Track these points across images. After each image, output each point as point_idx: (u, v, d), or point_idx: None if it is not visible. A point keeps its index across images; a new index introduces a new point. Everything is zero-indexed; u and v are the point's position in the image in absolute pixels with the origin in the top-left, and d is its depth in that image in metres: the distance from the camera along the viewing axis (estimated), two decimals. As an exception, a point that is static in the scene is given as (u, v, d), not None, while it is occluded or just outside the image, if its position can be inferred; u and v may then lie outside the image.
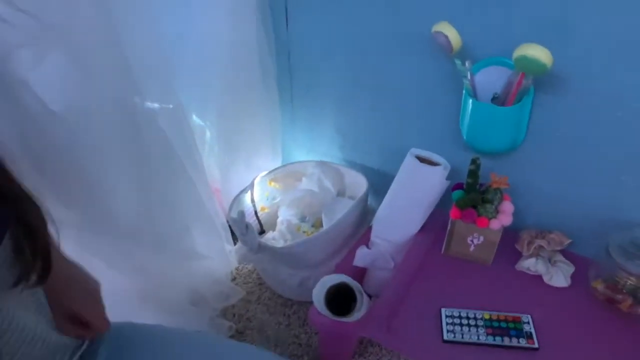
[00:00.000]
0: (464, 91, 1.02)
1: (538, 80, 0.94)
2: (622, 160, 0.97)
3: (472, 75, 0.99)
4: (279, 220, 1.36)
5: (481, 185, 1.06)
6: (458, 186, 1.08)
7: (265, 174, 1.40)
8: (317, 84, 1.33)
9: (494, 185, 1.02)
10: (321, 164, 1.39)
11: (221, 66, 1.24)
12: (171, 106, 1.05)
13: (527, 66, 0.87)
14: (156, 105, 1.01)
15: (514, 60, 0.88)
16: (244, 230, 1.14)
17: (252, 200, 1.37)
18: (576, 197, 1.06)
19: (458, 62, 0.96)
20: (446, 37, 0.93)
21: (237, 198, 1.32)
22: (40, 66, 0.76)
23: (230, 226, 1.32)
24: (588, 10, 0.85)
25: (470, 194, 1.04)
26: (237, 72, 1.25)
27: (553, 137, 1.02)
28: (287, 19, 1.26)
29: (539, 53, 0.84)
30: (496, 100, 0.98)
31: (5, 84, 0.74)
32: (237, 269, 1.45)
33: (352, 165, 1.41)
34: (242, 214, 1.14)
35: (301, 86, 1.37)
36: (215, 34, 1.19)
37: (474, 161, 1.02)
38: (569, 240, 1.04)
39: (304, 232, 1.34)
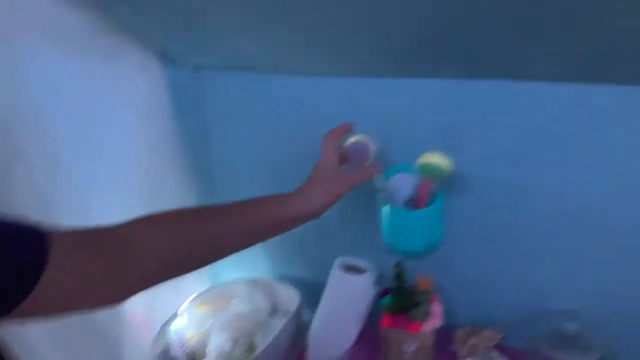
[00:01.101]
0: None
1: (445, 183, 1.00)
2: (537, 250, 1.01)
3: (384, 182, 1.03)
4: (208, 349, 1.28)
5: (409, 288, 1.06)
6: (387, 291, 1.08)
7: (193, 299, 1.33)
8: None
9: (421, 287, 1.03)
10: (252, 281, 1.35)
11: (141, 194, 1.22)
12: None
13: (430, 172, 0.93)
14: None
15: (418, 168, 0.94)
16: (170, 365, 1.06)
17: (180, 330, 1.28)
18: (501, 291, 1.08)
19: (369, 172, 1.01)
20: (354, 151, 0.98)
21: (163, 329, 1.23)
22: None
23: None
24: (477, 116, 0.95)
25: (398, 298, 1.04)
26: (157, 198, 1.24)
27: (469, 234, 1.06)
28: (209, 143, 1.29)
29: (438, 160, 0.91)
30: (409, 204, 1.02)
31: None
32: (168, 408, 1.32)
33: (284, 278, 1.38)
34: (167, 348, 1.07)
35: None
36: (131, 165, 1.19)
37: (397, 265, 1.03)
38: (501, 335, 1.04)
39: (237, 358, 1.25)
